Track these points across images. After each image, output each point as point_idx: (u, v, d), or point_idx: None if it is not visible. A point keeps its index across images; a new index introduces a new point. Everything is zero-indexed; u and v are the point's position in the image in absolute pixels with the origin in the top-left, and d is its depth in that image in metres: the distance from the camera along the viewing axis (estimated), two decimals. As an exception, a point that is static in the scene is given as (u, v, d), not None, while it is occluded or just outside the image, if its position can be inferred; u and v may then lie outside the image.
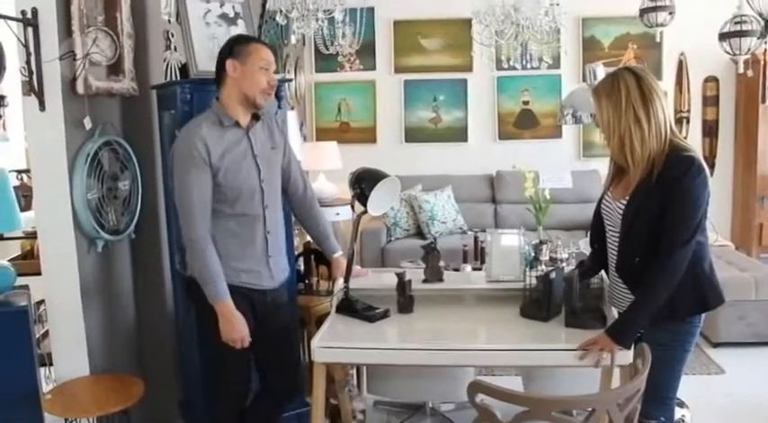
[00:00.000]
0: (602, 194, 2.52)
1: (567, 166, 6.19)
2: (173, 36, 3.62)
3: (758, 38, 3.90)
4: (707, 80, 6.55)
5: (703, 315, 2.37)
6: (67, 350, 2.84)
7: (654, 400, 2.30)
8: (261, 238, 2.64)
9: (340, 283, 2.79)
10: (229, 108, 2.56)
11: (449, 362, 2.49)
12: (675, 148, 2.24)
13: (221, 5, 3.15)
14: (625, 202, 2.32)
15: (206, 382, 2.96)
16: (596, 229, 2.56)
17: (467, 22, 6.12)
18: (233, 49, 2.55)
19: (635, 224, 2.29)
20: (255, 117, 2.64)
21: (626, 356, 2.22)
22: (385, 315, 2.65)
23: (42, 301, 3.00)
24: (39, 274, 2.88)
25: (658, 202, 2.22)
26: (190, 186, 2.49)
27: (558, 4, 4.41)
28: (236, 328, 2.51)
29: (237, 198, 2.56)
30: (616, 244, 2.39)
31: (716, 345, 4.46)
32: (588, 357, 2.22)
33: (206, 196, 2.51)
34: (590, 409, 1.97)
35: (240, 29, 3.18)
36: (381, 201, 2.72)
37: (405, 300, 2.71)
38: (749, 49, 3.94)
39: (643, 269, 2.26)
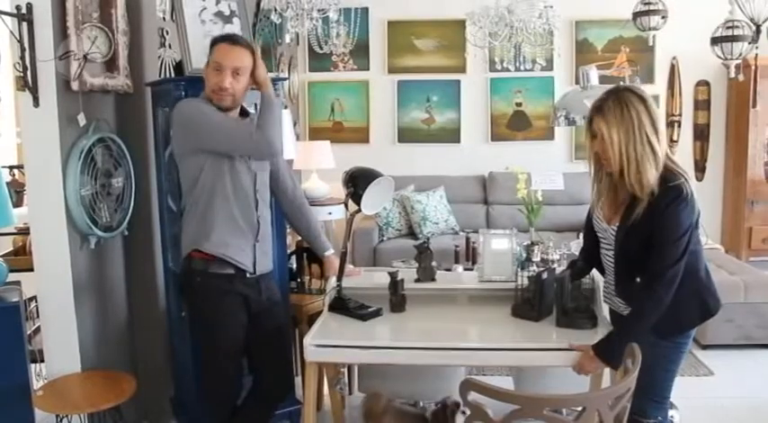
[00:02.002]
0: (590, 209, 2.53)
1: (559, 168, 6.22)
2: (167, 33, 3.62)
3: (749, 43, 3.92)
4: (698, 84, 6.59)
5: None
6: (59, 346, 2.84)
7: (650, 400, 2.33)
8: (253, 220, 2.66)
9: (332, 281, 2.80)
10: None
11: (440, 361, 2.50)
12: (666, 175, 2.22)
13: (217, 3, 3.15)
14: (616, 228, 2.34)
15: (198, 379, 2.96)
16: (588, 235, 2.57)
17: (460, 24, 6.12)
18: (210, 48, 2.60)
19: (629, 249, 2.30)
20: (245, 114, 2.66)
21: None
22: (377, 314, 2.66)
23: (34, 298, 2.99)
24: (31, 270, 2.88)
25: (646, 229, 2.22)
26: (212, 115, 2.52)
27: (551, 7, 4.42)
28: None
29: (232, 171, 2.59)
30: (612, 259, 2.41)
31: (705, 347, 4.50)
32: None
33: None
34: (580, 408, 1.99)
35: (236, 27, 3.18)
36: (375, 200, 2.73)
37: (397, 299, 2.73)
38: (740, 54, 3.96)
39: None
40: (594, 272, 2.62)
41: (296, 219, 2.95)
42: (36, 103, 2.69)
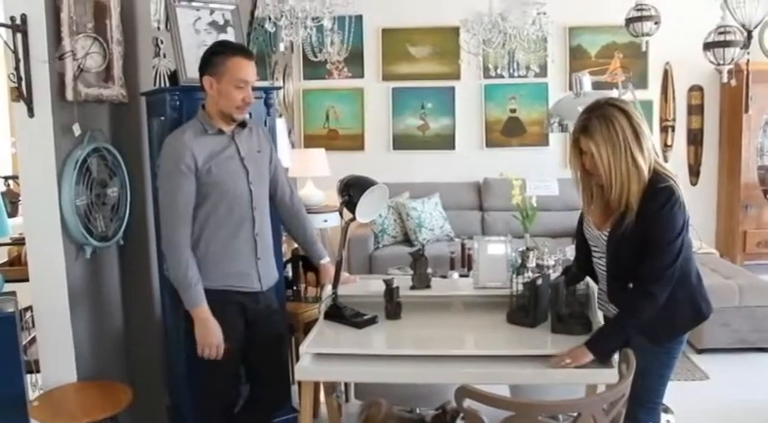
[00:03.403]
0: (580, 218, 2.54)
1: (554, 174, 6.21)
2: (162, 43, 3.63)
3: (741, 48, 3.96)
4: (692, 89, 6.63)
5: None
6: (55, 357, 2.83)
7: (641, 405, 2.34)
8: (250, 239, 2.65)
9: (328, 289, 2.80)
10: (212, 117, 2.60)
11: (436, 380, 2.50)
12: (655, 178, 2.23)
13: (211, 13, 3.16)
14: (607, 234, 2.35)
15: (194, 388, 2.95)
16: (580, 244, 2.58)
17: (455, 31, 6.15)
18: (210, 62, 2.56)
19: (621, 255, 2.31)
20: (242, 124, 2.66)
21: (612, 375, 2.20)
22: (373, 321, 2.66)
23: (29, 308, 2.99)
24: (26, 280, 2.87)
25: (639, 234, 2.23)
26: (175, 193, 2.51)
27: (545, 14, 4.45)
28: (211, 333, 2.52)
29: (226, 197, 2.58)
30: (603, 265, 2.42)
31: (700, 351, 4.51)
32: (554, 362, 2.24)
33: (190, 205, 2.53)
34: (575, 414, 2.00)
35: (230, 36, 3.18)
36: (370, 208, 2.74)
37: (392, 306, 2.73)
38: (733, 59, 3.99)
39: None
40: (589, 278, 2.63)
41: (293, 225, 2.96)
42: (31, 113, 2.69)
